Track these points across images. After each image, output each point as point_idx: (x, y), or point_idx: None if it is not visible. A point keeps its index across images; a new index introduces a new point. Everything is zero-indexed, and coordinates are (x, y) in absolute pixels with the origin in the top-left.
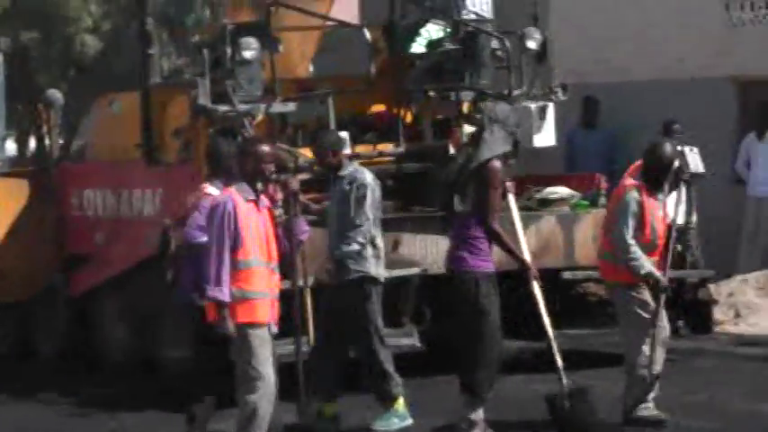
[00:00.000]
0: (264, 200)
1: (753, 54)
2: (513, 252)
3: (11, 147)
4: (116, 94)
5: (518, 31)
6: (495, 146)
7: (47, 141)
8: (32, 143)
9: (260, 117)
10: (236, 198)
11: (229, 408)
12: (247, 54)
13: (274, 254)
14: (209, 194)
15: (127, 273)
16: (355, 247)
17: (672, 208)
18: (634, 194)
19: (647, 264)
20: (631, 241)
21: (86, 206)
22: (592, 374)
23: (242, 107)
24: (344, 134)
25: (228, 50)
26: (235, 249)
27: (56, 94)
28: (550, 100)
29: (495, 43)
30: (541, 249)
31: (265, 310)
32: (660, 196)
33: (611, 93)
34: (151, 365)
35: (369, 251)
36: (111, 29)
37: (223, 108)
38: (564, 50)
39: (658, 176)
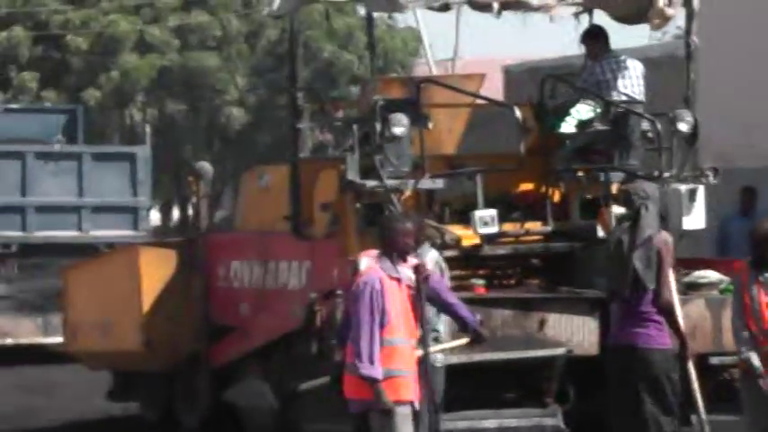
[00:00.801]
0: (406, 275)
1: None
2: (678, 328)
3: (155, 216)
4: (265, 167)
5: (669, 113)
6: (654, 221)
7: (192, 211)
8: (176, 213)
9: (408, 193)
10: (383, 276)
11: None
12: (397, 130)
13: (413, 330)
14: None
15: (271, 345)
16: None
17: None
18: (736, 279)
19: (749, 354)
20: (739, 327)
21: (232, 277)
22: None
23: (390, 183)
24: (493, 212)
25: (378, 126)
26: (381, 327)
27: (206, 166)
28: (701, 183)
29: (645, 125)
30: (689, 333)
31: (409, 387)
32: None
33: (755, 178)
34: None
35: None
36: (256, 101)
37: (371, 183)
38: (709, 134)
39: (757, 256)
